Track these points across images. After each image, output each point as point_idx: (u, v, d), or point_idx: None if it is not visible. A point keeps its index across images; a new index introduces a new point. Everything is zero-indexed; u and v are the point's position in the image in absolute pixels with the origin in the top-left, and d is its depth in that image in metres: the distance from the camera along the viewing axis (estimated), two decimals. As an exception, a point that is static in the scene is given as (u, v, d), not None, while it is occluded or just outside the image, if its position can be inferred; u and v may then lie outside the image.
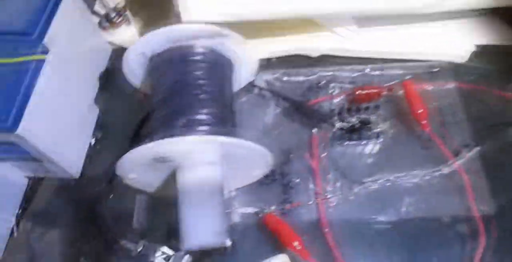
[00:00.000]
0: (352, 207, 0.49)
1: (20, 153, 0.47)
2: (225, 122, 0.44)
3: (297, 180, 0.51)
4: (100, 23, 0.65)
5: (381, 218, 0.48)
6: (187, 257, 0.38)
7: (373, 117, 0.53)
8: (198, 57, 0.46)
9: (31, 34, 0.46)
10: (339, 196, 0.49)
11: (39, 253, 0.51)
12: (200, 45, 0.46)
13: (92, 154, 0.56)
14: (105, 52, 0.63)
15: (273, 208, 0.49)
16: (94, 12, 0.66)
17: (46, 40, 0.47)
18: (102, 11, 0.64)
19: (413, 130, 0.53)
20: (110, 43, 0.63)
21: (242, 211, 0.49)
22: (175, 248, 0.43)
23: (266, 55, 0.58)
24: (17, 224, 0.52)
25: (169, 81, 0.45)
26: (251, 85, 0.56)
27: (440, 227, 0.48)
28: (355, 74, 0.57)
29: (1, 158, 0.49)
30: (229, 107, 0.46)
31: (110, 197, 0.53)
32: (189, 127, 0.42)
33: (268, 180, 0.51)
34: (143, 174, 0.44)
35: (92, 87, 0.59)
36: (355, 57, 0.59)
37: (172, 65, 0.46)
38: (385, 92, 0.54)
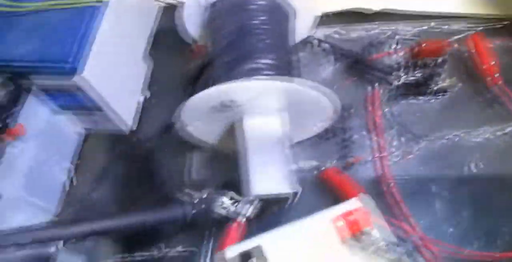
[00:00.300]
0: (415, 163, 0.48)
1: (77, 101, 0.47)
2: (291, 68, 0.43)
3: (358, 135, 0.50)
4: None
5: (445, 175, 0.47)
6: (256, 202, 0.37)
7: (438, 73, 0.50)
8: (257, 6, 0.45)
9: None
10: (402, 151, 0.48)
11: (93, 205, 0.51)
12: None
13: (144, 109, 0.56)
14: (154, 10, 0.61)
15: (333, 162, 0.48)
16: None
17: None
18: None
19: (479, 86, 0.50)
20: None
21: (302, 165, 0.48)
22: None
23: (323, 10, 0.56)
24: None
25: (231, 28, 0.44)
26: (308, 41, 0.54)
27: (504, 186, 0.46)
28: (417, 30, 0.55)
29: (58, 110, 0.48)
30: (292, 54, 0.45)
31: (165, 150, 0.53)
32: (256, 72, 0.41)
33: (328, 134, 0.50)
34: (204, 122, 0.43)
35: (145, 40, 0.58)
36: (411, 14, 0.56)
37: (233, 13, 0.44)
38: (451, 47, 0.51)
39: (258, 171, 0.38)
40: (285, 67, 0.42)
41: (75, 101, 0.47)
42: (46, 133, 0.47)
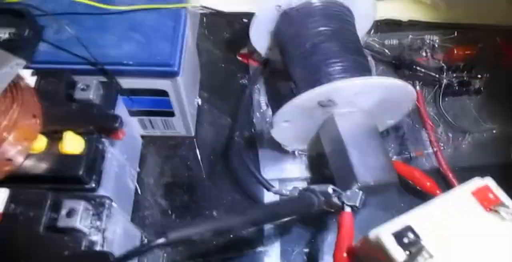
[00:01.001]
0: (465, 154, 0.53)
1: (155, 105, 0.47)
2: (369, 69, 0.47)
3: (410, 132, 0.54)
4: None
5: (492, 163, 0.53)
6: (361, 193, 0.40)
7: (471, 74, 0.57)
8: (334, 11, 0.48)
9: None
10: (452, 146, 0.53)
11: (162, 210, 0.51)
12: (333, 1, 0.48)
13: (200, 112, 0.57)
14: (196, 15, 0.63)
15: (395, 157, 0.52)
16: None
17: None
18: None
19: (509, 84, 0.57)
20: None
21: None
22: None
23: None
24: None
25: (312, 32, 0.47)
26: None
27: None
28: (444, 38, 0.61)
29: (135, 111, 0.48)
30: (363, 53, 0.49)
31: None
32: (343, 74, 0.44)
33: (382, 133, 0.54)
34: (296, 122, 0.45)
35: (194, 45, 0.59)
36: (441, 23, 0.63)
37: (313, 17, 0.47)
38: (479, 51, 0.58)
39: (361, 162, 0.41)
40: (367, 68, 0.46)
41: (154, 105, 0.47)
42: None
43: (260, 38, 0.53)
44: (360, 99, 0.44)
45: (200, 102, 0.57)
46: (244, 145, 0.53)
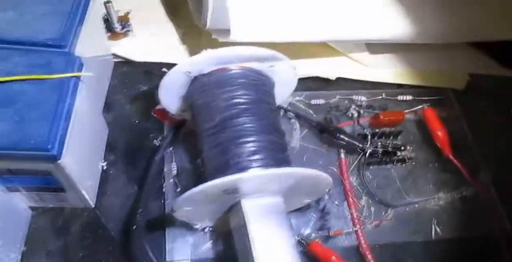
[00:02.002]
0: (386, 231, 0.50)
1: (41, 183, 0.41)
2: (283, 148, 0.43)
3: (331, 206, 0.51)
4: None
5: (414, 241, 0.50)
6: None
7: (398, 142, 0.55)
8: (249, 79, 0.44)
9: (64, 46, 0.40)
10: (374, 221, 0.50)
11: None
12: (250, 68, 0.44)
13: (105, 178, 0.51)
14: (109, 65, 0.57)
15: (312, 235, 0.49)
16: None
17: (77, 53, 0.41)
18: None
19: (434, 154, 0.55)
20: (114, 55, 0.58)
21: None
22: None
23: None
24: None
25: (221, 105, 0.42)
26: (281, 110, 0.55)
27: (466, 245, 0.50)
28: (372, 99, 0.59)
29: (12, 188, 0.42)
30: (281, 131, 0.45)
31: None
32: (253, 156, 0.40)
33: (303, 206, 0.50)
34: (200, 206, 0.40)
35: (101, 106, 0.53)
36: (370, 81, 0.61)
37: (223, 87, 0.43)
38: (405, 118, 0.56)
39: (263, 249, 0.37)
40: (280, 148, 0.42)
41: (38, 183, 0.41)
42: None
43: (172, 101, 0.48)
44: (270, 186, 0.40)
45: (105, 167, 0.51)
46: (147, 222, 0.47)
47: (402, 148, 0.53)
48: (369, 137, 0.53)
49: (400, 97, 0.59)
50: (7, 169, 0.38)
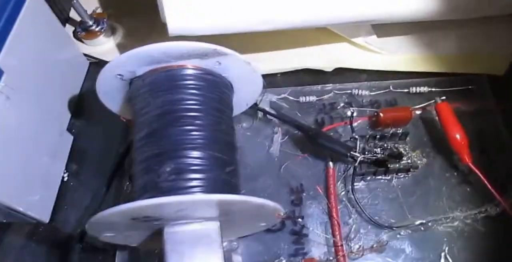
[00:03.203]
0: (381, 259, 0.41)
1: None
2: (223, 166, 0.35)
3: (311, 226, 0.42)
4: (74, 33, 0.55)
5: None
6: None
7: (401, 147, 0.44)
8: (188, 81, 0.37)
9: (-21, 55, 0.36)
10: (363, 247, 0.41)
11: None
12: (191, 66, 0.37)
13: (65, 190, 0.47)
14: (81, 68, 0.53)
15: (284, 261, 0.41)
16: (68, 20, 0.57)
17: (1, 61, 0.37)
18: (78, 18, 0.55)
19: (450, 162, 0.44)
20: (87, 56, 0.54)
21: (247, 266, 0.41)
22: None
23: (269, 71, 0.49)
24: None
25: (152, 113, 0.36)
26: (253, 109, 0.47)
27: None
28: (377, 92, 0.48)
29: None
30: (229, 144, 0.37)
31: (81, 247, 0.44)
32: (178, 176, 0.33)
33: (276, 226, 0.42)
34: (121, 232, 0.35)
35: (65, 111, 0.49)
36: (375, 71, 0.50)
37: (156, 91, 0.36)
38: (413, 116, 0.45)
39: None
40: (217, 166, 0.35)
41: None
42: None
43: (119, 106, 0.43)
44: (198, 212, 0.33)
45: (66, 178, 0.48)
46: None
47: (401, 153, 0.43)
48: (358, 141, 0.42)
49: (412, 89, 0.48)
50: None
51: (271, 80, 0.51)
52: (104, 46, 0.55)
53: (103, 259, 0.43)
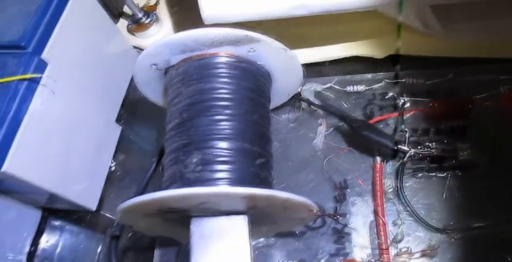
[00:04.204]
0: (430, 265, 0.37)
1: (21, 188, 0.40)
2: (253, 158, 0.33)
3: (354, 225, 0.39)
4: (128, 26, 0.57)
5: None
6: None
7: (459, 142, 0.39)
8: (220, 69, 0.36)
9: (24, 47, 0.38)
10: (411, 250, 0.37)
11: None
12: (223, 54, 0.36)
13: (112, 179, 0.48)
14: (131, 60, 0.54)
15: (322, 261, 0.38)
16: (121, 14, 0.58)
17: (45, 54, 0.39)
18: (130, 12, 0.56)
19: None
20: (138, 48, 0.55)
21: (283, 264, 0.39)
22: None
23: (315, 59, 0.47)
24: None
25: (183, 103, 0.35)
26: (296, 99, 0.44)
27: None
28: (434, 81, 0.44)
29: (5, 191, 0.42)
30: (262, 136, 0.35)
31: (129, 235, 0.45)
32: (205, 167, 0.32)
33: (316, 223, 0.40)
34: (151, 223, 0.34)
35: (114, 103, 0.51)
36: (433, 57, 0.45)
37: (188, 80, 0.36)
38: (475, 107, 0.40)
39: None
40: (248, 158, 0.33)
41: (15, 187, 0.40)
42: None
43: (160, 97, 0.43)
44: (222, 205, 0.31)
45: (113, 167, 0.49)
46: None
47: (458, 149, 0.38)
48: (407, 134, 0.39)
49: (475, 78, 0.43)
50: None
51: (319, 70, 0.48)
52: (153, 37, 0.56)
53: (146, 247, 0.44)
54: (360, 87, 0.45)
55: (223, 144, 0.33)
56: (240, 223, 0.32)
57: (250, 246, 0.31)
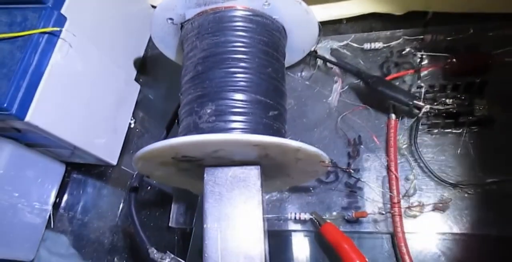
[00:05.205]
0: (442, 219, 0.37)
1: (43, 140, 0.42)
2: (266, 109, 0.34)
3: (367, 180, 0.40)
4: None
5: (486, 233, 0.36)
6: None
7: (476, 98, 0.39)
8: (235, 23, 0.36)
9: (44, 2, 0.38)
10: (423, 204, 0.37)
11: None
12: (238, 7, 0.36)
13: (132, 136, 0.50)
14: (149, 20, 0.55)
15: (334, 214, 0.39)
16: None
17: (64, 9, 0.39)
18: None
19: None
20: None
21: (296, 216, 0.40)
22: None
23: (331, 16, 0.46)
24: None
25: (198, 56, 0.35)
26: (312, 57, 0.44)
27: None
28: (454, 37, 0.43)
29: (31, 144, 0.44)
30: (276, 89, 0.36)
31: (148, 188, 0.47)
32: (218, 118, 0.33)
33: (329, 178, 0.41)
34: (167, 172, 0.36)
35: (132, 61, 0.52)
36: (454, 13, 0.44)
37: (203, 34, 0.36)
38: (495, 62, 0.39)
39: (216, 226, 0.31)
40: (261, 110, 0.33)
41: (35, 140, 0.42)
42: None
43: (175, 53, 0.43)
44: (235, 154, 0.32)
45: (132, 124, 0.50)
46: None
47: (475, 105, 0.38)
48: (423, 89, 0.38)
49: (497, 33, 0.41)
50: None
51: (336, 27, 0.48)
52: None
53: (163, 200, 0.46)
54: (378, 45, 0.44)
55: (236, 95, 0.33)
56: (253, 173, 0.32)
57: (262, 195, 0.32)
